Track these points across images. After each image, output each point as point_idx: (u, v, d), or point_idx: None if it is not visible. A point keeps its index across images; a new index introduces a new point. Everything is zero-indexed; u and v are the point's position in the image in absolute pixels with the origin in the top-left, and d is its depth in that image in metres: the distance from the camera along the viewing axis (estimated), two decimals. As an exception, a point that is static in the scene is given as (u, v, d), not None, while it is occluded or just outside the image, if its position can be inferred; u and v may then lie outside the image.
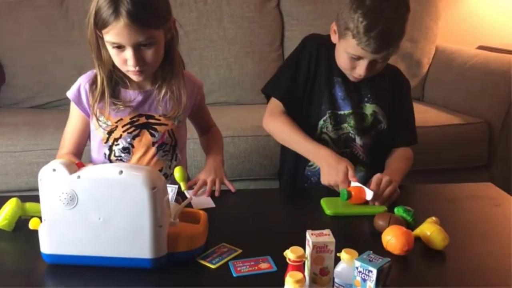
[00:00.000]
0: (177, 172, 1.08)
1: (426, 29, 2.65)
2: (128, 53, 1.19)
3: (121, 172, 0.93)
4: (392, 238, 1.03)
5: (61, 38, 2.39)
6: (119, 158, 1.35)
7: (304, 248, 0.89)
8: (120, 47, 1.19)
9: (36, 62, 2.39)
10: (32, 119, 2.16)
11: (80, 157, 1.37)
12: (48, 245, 0.97)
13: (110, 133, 1.33)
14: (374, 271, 0.79)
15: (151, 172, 0.95)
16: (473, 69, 2.40)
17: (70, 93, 1.33)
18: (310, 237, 0.88)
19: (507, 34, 3.03)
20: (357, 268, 0.81)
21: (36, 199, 1.02)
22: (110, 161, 1.35)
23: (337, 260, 0.87)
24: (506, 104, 2.18)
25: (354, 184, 1.29)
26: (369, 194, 1.25)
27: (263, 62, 2.50)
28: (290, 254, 0.86)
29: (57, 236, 0.96)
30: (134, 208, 0.93)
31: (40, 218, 0.99)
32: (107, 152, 1.35)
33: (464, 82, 2.42)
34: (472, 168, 2.23)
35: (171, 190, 1.13)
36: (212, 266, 0.99)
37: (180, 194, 1.14)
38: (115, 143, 1.34)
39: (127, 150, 1.34)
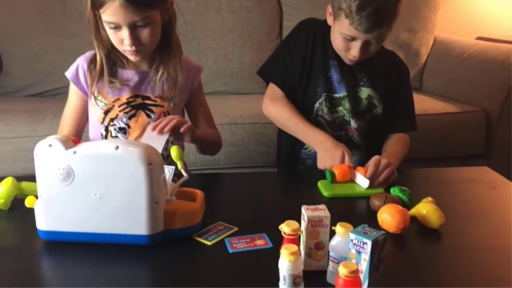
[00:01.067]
0: (174, 151, 1.08)
1: (424, 20, 2.65)
2: (124, 33, 1.19)
3: (117, 147, 0.93)
4: (388, 216, 1.04)
5: (59, 27, 2.38)
6: (115, 138, 1.35)
7: (299, 223, 0.89)
8: (116, 26, 1.19)
9: (34, 51, 2.38)
10: (30, 106, 2.16)
11: (81, 137, 1.38)
12: (44, 222, 0.97)
13: (106, 112, 1.34)
14: (369, 243, 0.79)
15: (147, 148, 0.95)
16: (471, 59, 2.40)
17: (69, 73, 1.35)
18: (306, 211, 0.88)
19: (505, 25, 3.03)
20: (351, 240, 0.81)
21: (32, 179, 1.02)
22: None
23: (332, 234, 0.87)
24: (503, 92, 2.18)
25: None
26: (364, 183, 1.25)
27: (262, 52, 2.49)
28: (285, 227, 0.86)
29: (53, 213, 0.96)
30: (130, 184, 0.93)
31: (36, 196, 1.00)
32: (104, 133, 1.35)
33: (462, 72, 2.42)
34: (469, 156, 2.23)
35: (168, 170, 1.13)
36: (208, 243, 0.99)
37: (177, 176, 1.14)
38: (111, 123, 1.34)
39: (123, 130, 1.34)
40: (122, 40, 1.21)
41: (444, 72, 2.56)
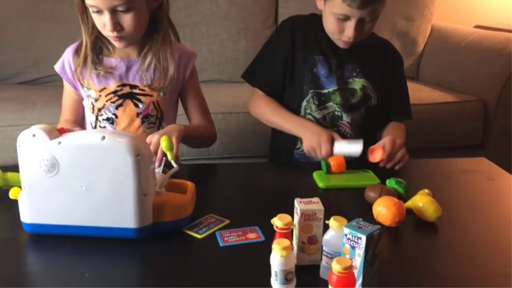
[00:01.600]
0: (164, 142, 1.04)
1: (422, 8, 2.61)
2: (105, 17, 1.17)
3: (103, 137, 0.89)
4: (383, 209, 1.01)
5: (49, 13, 2.32)
6: (103, 128, 1.32)
7: (293, 217, 0.86)
8: (99, 10, 1.17)
9: (24, 38, 2.33)
10: (20, 94, 2.12)
11: (81, 123, 1.37)
12: (29, 214, 0.94)
13: (94, 102, 1.30)
14: (364, 238, 0.76)
15: (135, 139, 0.92)
16: (469, 47, 2.37)
17: (57, 67, 1.34)
18: (299, 205, 0.85)
19: (504, 13, 2.99)
20: (346, 235, 0.78)
21: (18, 169, 0.98)
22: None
23: (326, 228, 0.84)
24: (501, 82, 2.15)
25: (338, 144, 1.28)
26: (357, 147, 1.24)
27: (257, 39, 2.44)
28: (278, 221, 0.83)
29: (37, 205, 0.93)
30: (118, 176, 0.90)
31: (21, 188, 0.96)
32: (93, 123, 1.32)
33: (460, 61, 2.39)
34: (466, 147, 2.21)
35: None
36: (199, 236, 0.97)
37: (168, 167, 1.11)
38: (99, 113, 1.31)
39: (111, 120, 1.31)
40: (104, 25, 1.19)
41: (441, 61, 2.53)
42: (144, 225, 0.93)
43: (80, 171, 0.90)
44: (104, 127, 1.31)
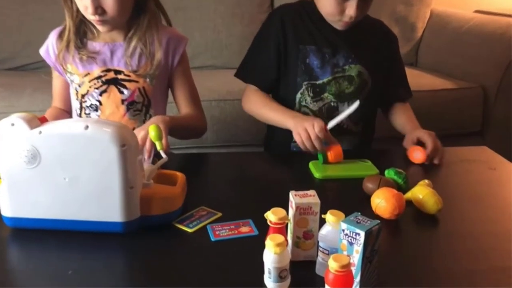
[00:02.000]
0: (152, 131, 1.00)
1: (421, -8, 2.56)
2: (87, 0, 1.13)
3: (87, 127, 0.84)
4: (382, 201, 0.97)
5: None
6: (88, 115, 1.27)
7: (287, 210, 0.82)
8: None
9: (13, 22, 2.26)
10: (9, 80, 2.06)
11: (70, 111, 1.34)
12: (9, 208, 0.89)
13: (78, 88, 1.26)
14: (362, 234, 0.72)
15: (121, 128, 0.87)
16: (469, 33, 2.32)
17: (41, 50, 1.31)
18: (293, 198, 0.81)
19: (504, -2, 2.93)
20: (343, 230, 0.74)
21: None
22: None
23: (322, 223, 0.80)
24: (502, 68, 2.10)
25: (332, 121, 1.24)
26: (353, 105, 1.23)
27: (252, 24, 2.38)
28: (271, 216, 0.79)
29: (18, 198, 0.88)
30: (102, 167, 0.85)
31: (3, 179, 0.92)
32: (78, 110, 1.28)
33: (459, 46, 2.34)
34: (465, 134, 2.17)
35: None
36: (189, 230, 0.92)
37: (157, 156, 1.06)
38: (83, 99, 1.26)
39: (95, 107, 1.26)
40: (86, 8, 1.14)
41: (440, 46, 2.47)
42: (131, 218, 0.89)
43: (63, 163, 0.85)
44: (89, 114, 1.26)
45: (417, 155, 1.27)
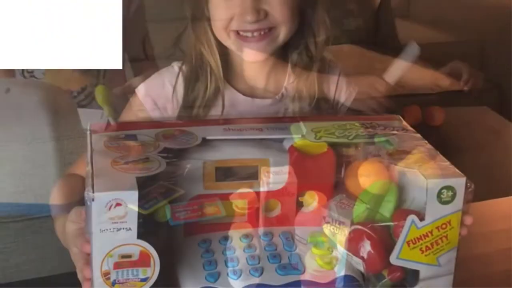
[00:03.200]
0: (99, 94, 0.84)
1: None
2: None
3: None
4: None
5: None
6: (30, 73, 1.15)
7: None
8: None
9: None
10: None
11: None
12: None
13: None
14: (347, 222, 0.59)
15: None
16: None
17: None
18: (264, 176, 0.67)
19: None
20: (324, 218, 0.61)
21: None
22: (24, 77, 1.15)
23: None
24: (502, 19, 1.97)
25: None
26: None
27: None
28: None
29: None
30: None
31: None
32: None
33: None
34: (461, 91, 2.07)
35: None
36: (144, 212, 0.79)
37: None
38: None
39: None
40: None
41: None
42: (72, 200, 0.75)
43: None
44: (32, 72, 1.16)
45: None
